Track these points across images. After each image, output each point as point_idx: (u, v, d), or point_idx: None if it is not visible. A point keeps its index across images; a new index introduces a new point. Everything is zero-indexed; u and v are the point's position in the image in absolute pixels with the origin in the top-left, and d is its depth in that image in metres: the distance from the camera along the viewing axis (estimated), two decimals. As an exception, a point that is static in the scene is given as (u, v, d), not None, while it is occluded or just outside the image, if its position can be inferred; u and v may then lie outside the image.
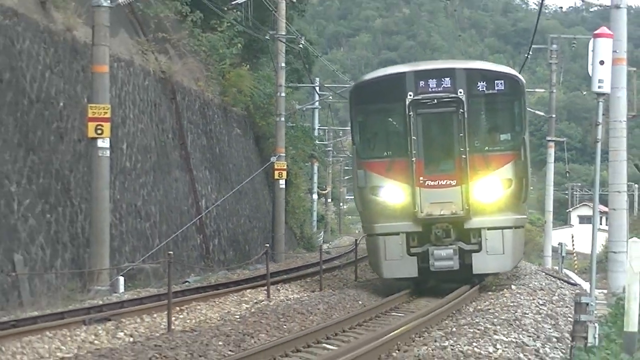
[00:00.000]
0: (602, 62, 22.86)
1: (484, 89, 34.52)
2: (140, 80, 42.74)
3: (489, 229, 33.62)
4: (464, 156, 33.50)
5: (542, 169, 64.09)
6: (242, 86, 57.24)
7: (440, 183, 33.90)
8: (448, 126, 34.49)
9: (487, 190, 33.67)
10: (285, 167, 57.63)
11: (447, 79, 34.24)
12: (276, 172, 56.81)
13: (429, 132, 34.69)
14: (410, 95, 33.93)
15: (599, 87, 22.93)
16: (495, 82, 34.56)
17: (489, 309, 26.62)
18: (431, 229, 33.68)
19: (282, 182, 57.54)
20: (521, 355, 18.63)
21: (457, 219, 33.63)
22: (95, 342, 22.88)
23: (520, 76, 36.44)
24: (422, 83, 34.29)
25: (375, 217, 34.60)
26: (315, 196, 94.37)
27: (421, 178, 33.74)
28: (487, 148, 34.35)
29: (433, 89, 34.26)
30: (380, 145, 35.87)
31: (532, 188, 53.57)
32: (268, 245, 38.52)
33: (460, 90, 33.93)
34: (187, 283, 38.07)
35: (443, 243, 33.49)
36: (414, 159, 33.60)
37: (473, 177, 33.65)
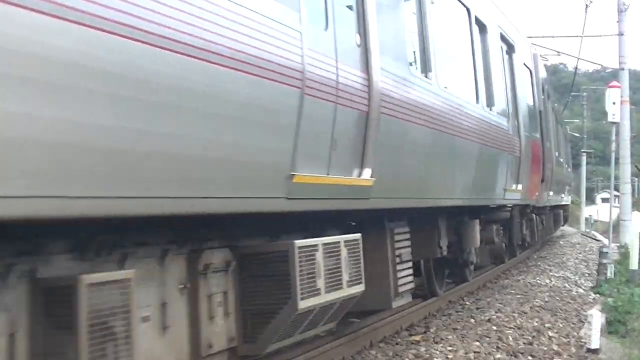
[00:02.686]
0: (614, 103, 22.84)
1: None
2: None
3: None
4: None
5: (579, 169, 62.93)
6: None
7: None
8: None
9: None
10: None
11: None
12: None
13: None
14: None
15: (613, 118, 22.86)
16: None
17: (546, 256, 26.32)
18: None
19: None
20: (566, 284, 18.40)
21: None
22: None
23: None
24: None
25: None
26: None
27: None
28: None
29: None
30: None
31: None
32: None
33: None
34: None
35: None
36: None
37: None
